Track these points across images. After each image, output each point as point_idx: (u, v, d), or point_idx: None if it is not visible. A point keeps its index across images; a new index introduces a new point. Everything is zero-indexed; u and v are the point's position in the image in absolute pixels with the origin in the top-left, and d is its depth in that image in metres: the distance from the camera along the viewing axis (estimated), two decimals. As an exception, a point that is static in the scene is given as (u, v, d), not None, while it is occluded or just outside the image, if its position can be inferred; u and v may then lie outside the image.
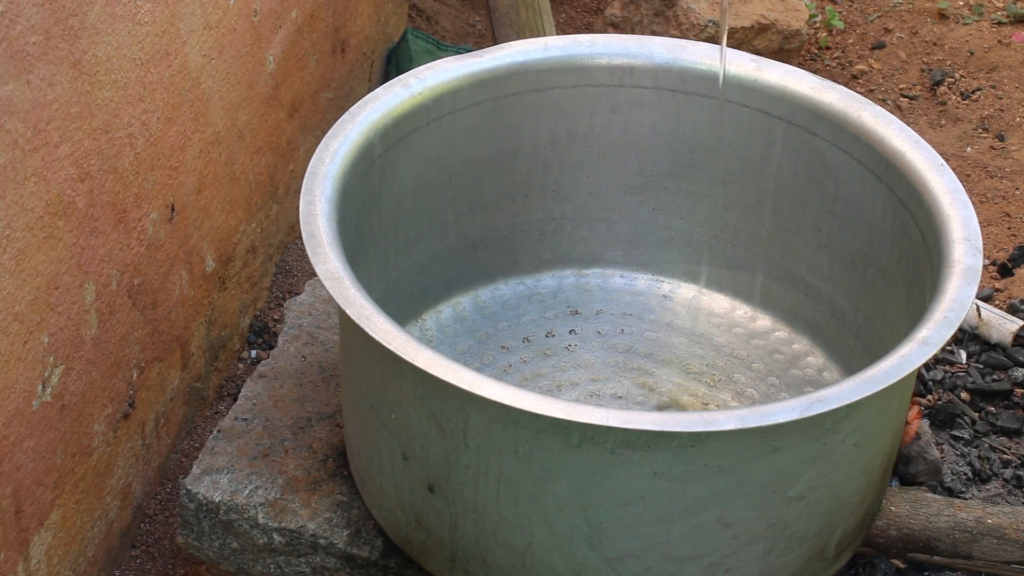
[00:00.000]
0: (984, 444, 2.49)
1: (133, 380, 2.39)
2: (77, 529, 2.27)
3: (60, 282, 2.10)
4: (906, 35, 3.92)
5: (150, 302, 2.41)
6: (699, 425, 1.74)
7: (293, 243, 3.10)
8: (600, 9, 3.97)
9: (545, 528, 1.86)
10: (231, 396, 2.78)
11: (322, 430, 2.22)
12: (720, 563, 1.89)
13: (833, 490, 1.91)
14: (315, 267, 1.88)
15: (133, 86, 2.24)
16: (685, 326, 2.43)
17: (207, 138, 2.54)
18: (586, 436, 1.76)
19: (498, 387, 1.75)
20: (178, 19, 2.36)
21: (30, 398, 2.06)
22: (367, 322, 1.81)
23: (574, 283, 2.48)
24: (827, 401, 1.75)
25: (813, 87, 2.24)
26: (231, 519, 2.12)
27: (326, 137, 2.07)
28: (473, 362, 2.34)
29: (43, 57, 1.96)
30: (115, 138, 2.21)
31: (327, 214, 1.96)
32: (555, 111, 2.32)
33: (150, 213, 2.36)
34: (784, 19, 3.68)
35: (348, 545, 2.09)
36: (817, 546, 1.96)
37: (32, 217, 1.99)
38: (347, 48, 3.24)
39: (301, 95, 2.99)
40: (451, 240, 2.36)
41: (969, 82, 3.74)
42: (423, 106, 2.19)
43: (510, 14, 3.17)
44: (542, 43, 2.30)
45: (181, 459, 2.64)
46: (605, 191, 2.41)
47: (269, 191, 2.90)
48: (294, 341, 2.38)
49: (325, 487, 2.14)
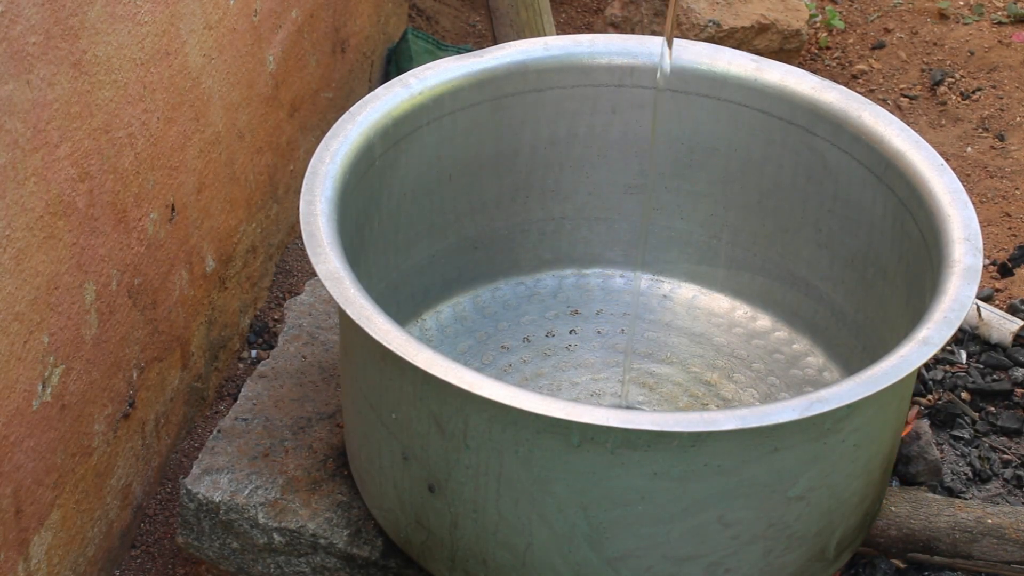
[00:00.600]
0: (984, 444, 2.49)
1: (133, 380, 2.39)
2: (77, 529, 2.27)
3: (60, 282, 2.10)
4: (906, 35, 3.92)
5: (150, 302, 2.41)
6: (699, 425, 1.74)
7: (293, 243, 3.10)
8: (600, 9, 3.97)
9: (545, 528, 1.86)
10: (231, 396, 2.78)
11: (322, 430, 2.22)
12: (720, 563, 1.89)
13: (833, 490, 1.91)
14: (315, 267, 1.88)
15: (133, 86, 2.24)
16: (685, 326, 2.43)
17: (207, 138, 2.54)
18: (586, 436, 1.76)
19: (498, 387, 1.75)
20: (178, 19, 2.36)
21: (30, 398, 2.06)
22: (367, 322, 1.81)
23: (574, 283, 2.48)
24: (827, 401, 1.75)
25: (813, 87, 2.24)
26: (231, 519, 2.12)
27: (326, 137, 2.07)
28: (473, 362, 2.34)
29: (43, 57, 1.96)
30: (115, 138, 2.21)
31: (327, 214, 1.96)
32: (555, 111, 2.32)
33: (150, 213, 2.36)
34: (784, 19, 3.68)
35: (348, 545, 2.09)
36: (817, 546, 1.95)
37: (32, 217, 1.99)
38: (347, 48, 3.24)
39: (301, 95, 2.99)
40: (451, 240, 2.36)
41: (969, 82, 3.74)
42: (423, 106, 2.19)
43: (510, 14, 3.17)
44: (542, 43, 2.30)
45: (181, 459, 2.64)
46: (605, 191, 2.41)
47: (269, 191, 2.90)
48: (294, 341, 2.38)
49: (325, 487, 2.14)
